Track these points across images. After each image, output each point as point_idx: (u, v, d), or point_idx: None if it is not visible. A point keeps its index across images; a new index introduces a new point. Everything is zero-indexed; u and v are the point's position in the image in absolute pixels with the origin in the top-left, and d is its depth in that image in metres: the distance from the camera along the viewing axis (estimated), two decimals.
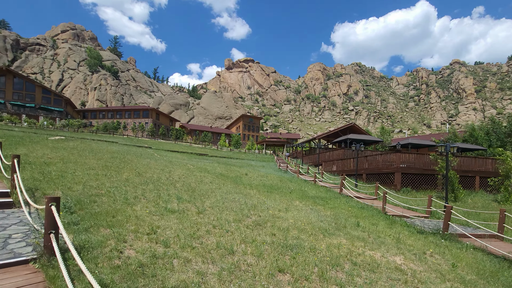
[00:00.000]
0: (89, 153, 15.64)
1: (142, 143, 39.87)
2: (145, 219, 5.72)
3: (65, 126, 54.85)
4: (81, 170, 9.76)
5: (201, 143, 69.12)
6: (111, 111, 72.97)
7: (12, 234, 4.26)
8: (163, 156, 22.85)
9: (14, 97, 58.45)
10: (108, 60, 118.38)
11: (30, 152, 12.83)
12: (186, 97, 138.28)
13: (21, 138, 18.46)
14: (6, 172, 7.71)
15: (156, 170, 12.55)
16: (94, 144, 21.61)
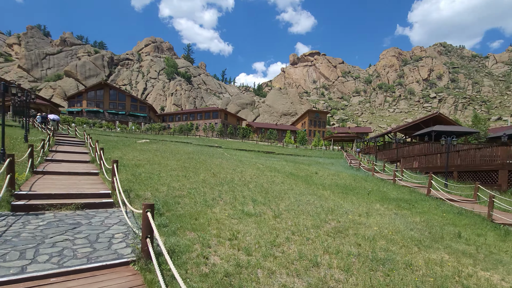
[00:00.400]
0: (169, 154, 17.17)
1: (212, 142, 42.43)
2: (224, 222, 5.79)
3: (148, 130, 62.31)
4: (164, 172, 10.66)
5: (267, 140, 70.09)
6: (185, 113, 79.77)
7: (114, 234, 4.74)
8: (233, 155, 23.75)
9: (110, 106, 68.94)
10: (182, 67, 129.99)
11: (123, 155, 14.70)
12: (251, 96, 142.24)
13: (116, 143, 21.44)
14: (107, 174, 8.86)
15: (229, 170, 12.96)
16: (173, 145, 23.77)
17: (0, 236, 4.20)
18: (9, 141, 15.66)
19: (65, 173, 8.89)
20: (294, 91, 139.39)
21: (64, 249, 3.93)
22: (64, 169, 9.36)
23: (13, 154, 6.16)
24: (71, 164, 10.77)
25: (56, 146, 15.88)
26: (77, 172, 9.17)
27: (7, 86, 13.45)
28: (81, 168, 10.24)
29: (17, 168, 7.83)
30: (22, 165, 8.58)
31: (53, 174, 8.68)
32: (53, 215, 5.52)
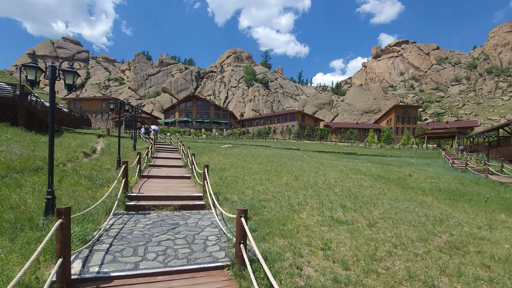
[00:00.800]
0: (251, 158, 17.71)
1: (290, 145, 42.32)
2: (314, 229, 5.41)
3: (229, 135, 66.62)
4: (248, 175, 10.93)
5: (346, 141, 66.14)
6: (263, 118, 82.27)
7: (208, 236, 4.94)
8: (312, 158, 23.03)
9: (197, 116, 76.61)
10: (260, 73, 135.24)
11: (210, 160, 15.84)
12: (329, 96, 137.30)
13: (203, 148, 23.44)
14: (198, 178, 9.58)
15: (311, 173, 12.47)
16: (253, 149, 24.58)
17: (118, 233, 4.84)
18: (122, 150, 18.87)
19: (164, 177, 10.00)
20: (377, 86, 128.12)
21: (167, 248, 4.24)
22: (163, 173, 10.56)
23: (127, 162, 7.17)
24: (168, 169, 12.12)
25: (156, 153, 18.31)
26: (173, 176, 10.21)
27: (122, 104, 16.25)
28: (176, 172, 11.40)
29: (128, 173, 9.20)
30: (132, 170, 10.03)
31: (155, 178, 9.88)
32: (156, 215, 6.17)
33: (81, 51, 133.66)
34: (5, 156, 9.97)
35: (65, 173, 9.09)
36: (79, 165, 11.62)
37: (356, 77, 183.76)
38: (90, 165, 12.02)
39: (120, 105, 15.98)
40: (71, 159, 13.05)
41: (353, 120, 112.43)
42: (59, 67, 5.43)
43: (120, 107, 16.26)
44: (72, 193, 7.12)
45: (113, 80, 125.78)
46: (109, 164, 12.55)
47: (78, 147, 16.86)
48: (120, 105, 16.13)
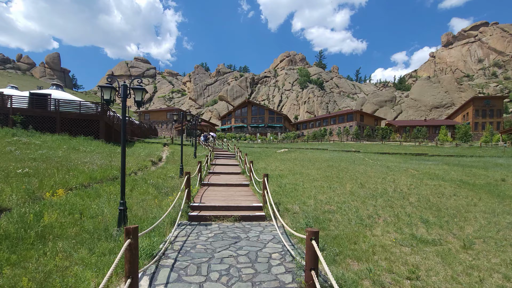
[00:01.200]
0: (308, 162, 17.00)
1: (348, 147, 39.91)
2: (393, 251, 4.63)
3: (284, 139, 66.17)
4: (307, 182, 10.35)
5: (413, 140, 59.87)
6: (318, 120, 79.90)
7: (271, 253, 4.60)
8: (376, 161, 21.12)
9: (252, 121, 78.19)
10: (314, 74, 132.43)
11: (267, 165, 15.65)
12: (391, 92, 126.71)
13: (259, 154, 23.48)
14: (257, 186, 9.39)
15: (378, 179, 11.27)
16: (310, 153, 23.72)
17: (182, 246, 4.83)
18: (184, 158, 20.02)
19: (223, 185, 10.09)
20: (449, 78, 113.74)
21: (230, 267, 4.03)
22: (222, 181, 10.68)
23: (189, 173, 7.35)
24: (227, 176, 12.27)
25: (215, 160, 18.92)
26: (232, 183, 10.23)
27: (184, 114, 17.25)
28: (235, 179, 11.44)
29: (190, 181, 9.50)
30: (194, 178, 10.36)
31: (215, 186, 10.02)
32: (217, 227, 6.09)
33: (150, 68, 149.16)
34: (88, 167, 11.26)
35: (136, 182, 9.82)
36: (147, 174, 12.55)
37: (422, 70, 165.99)
38: (157, 173, 12.90)
39: (182, 115, 16.96)
40: (141, 168, 14.22)
41: (420, 116, 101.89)
42: (129, 86, 5.98)
43: (182, 117, 17.28)
44: (141, 202, 7.57)
45: (176, 92, 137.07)
46: (173, 172, 13.30)
47: (147, 156, 18.41)
48: (182, 115, 17.13)
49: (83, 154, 15.33)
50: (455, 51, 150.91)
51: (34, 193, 7.08)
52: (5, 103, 20.86)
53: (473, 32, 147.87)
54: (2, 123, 19.90)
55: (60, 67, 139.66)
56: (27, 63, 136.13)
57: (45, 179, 8.36)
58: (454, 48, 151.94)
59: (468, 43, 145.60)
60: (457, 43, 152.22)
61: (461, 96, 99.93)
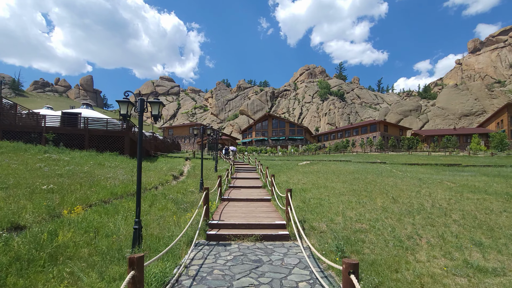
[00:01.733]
0: (332, 175, 16.15)
1: (372, 158, 38.18)
2: (445, 282, 3.88)
3: (305, 151, 64.92)
4: (333, 196, 9.63)
5: (442, 150, 56.56)
6: (340, 131, 78.07)
7: (298, 282, 4.03)
8: (405, 172, 19.77)
9: (273, 134, 77.83)
10: (335, 86, 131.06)
11: (289, 179, 15.02)
12: (416, 101, 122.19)
13: (280, 166, 22.85)
14: (279, 201, 8.83)
15: (411, 193, 10.30)
16: (333, 165, 22.76)
17: (198, 272, 4.38)
18: (205, 172, 19.87)
19: (243, 200, 9.63)
20: (479, 84, 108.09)
21: None
22: (243, 196, 10.22)
23: (208, 188, 6.99)
24: (247, 190, 11.81)
25: (236, 173, 18.57)
26: (252, 198, 9.75)
27: (204, 129, 17.19)
28: (255, 193, 10.95)
29: (210, 196, 9.13)
30: (213, 193, 9.99)
31: (235, 201, 9.59)
32: (237, 247, 5.60)
33: (174, 86, 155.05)
34: (111, 182, 11.28)
35: (155, 198, 9.62)
36: (168, 188, 12.39)
37: (448, 77, 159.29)
38: (177, 188, 12.71)
39: (203, 130, 16.89)
40: (162, 182, 14.13)
41: (449, 125, 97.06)
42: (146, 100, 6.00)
43: (203, 131, 17.22)
44: (159, 219, 7.27)
45: (198, 108, 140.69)
46: (193, 187, 13.06)
47: (169, 170, 18.44)
48: (203, 129, 17.07)
49: (108, 169, 15.57)
50: (483, 57, 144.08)
51: (54, 210, 7.00)
52: (39, 122, 22.04)
53: (502, 37, 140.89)
54: (36, 141, 20.91)
55: (93, 88, 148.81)
56: (64, 86, 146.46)
57: (67, 195, 8.34)
58: (482, 54, 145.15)
59: (497, 48, 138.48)
60: (485, 49, 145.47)
61: (493, 103, 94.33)
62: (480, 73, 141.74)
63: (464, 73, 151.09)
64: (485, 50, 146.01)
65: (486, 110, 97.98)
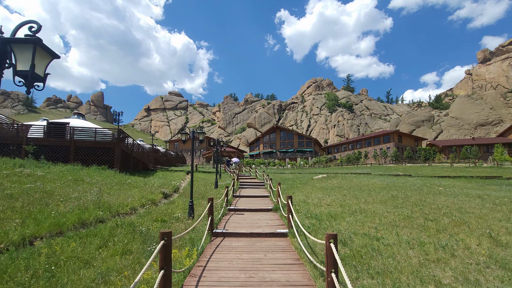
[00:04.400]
0: (360, 192, 12.90)
1: (392, 170, 34.51)
2: None
3: (315, 163, 61.31)
4: (385, 230, 6.42)
5: (462, 160, 52.51)
6: (351, 142, 74.48)
7: None
8: (446, 187, 16.26)
9: (281, 146, 74.68)
10: (343, 98, 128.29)
11: (306, 197, 11.84)
12: (428, 111, 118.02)
13: (292, 181, 19.63)
14: (299, 236, 5.68)
15: (499, 222, 6.99)
16: (354, 179, 19.38)
17: None
18: (204, 187, 16.76)
19: (247, 235, 6.50)
20: (494, 93, 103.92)
21: None
22: (246, 225, 7.11)
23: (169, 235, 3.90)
24: (253, 216, 8.69)
25: (240, 190, 15.46)
26: (260, 233, 6.61)
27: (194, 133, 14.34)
28: (265, 221, 7.83)
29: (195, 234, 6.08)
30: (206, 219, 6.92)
31: (233, 236, 6.46)
32: None
33: (182, 101, 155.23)
34: (67, 206, 8.36)
35: (116, 231, 6.55)
36: (148, 213, 9.39)
37: (459, 88, 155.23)
38: (161, 211, 9.72)
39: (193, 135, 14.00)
40: (146, 203, 11.14)
41: (464, 135, 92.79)
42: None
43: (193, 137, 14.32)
44: (97, 277, 4.25)
45: (206, 121, 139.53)
46: (182, 209, 10.03)
47: (160, 187, 15.46)
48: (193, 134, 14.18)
49: (83, 186, 12.75)
50: (494, 67, 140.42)
51: None
52: (19, 133, 19.62)
53: None
54: (15, 153, 18.43)
55: (103, 104, 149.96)
56: (75, 102, 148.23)
57: None
58: (492, 64, 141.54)
59: (508, 58, 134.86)
60: (496, 58, 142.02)
61: (510, 112, 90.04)
62: (492, 82, 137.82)
63: (474, 83, 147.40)
64: (495, 60, 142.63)
65: (503, 120, 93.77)
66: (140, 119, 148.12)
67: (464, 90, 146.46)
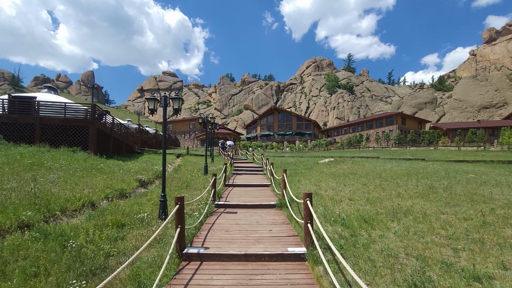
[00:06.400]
0: (383, 180, 10.42)
1: (399, 154, 32.17)
2: None
3: (315, 146, 58.88)
4: (470, 252, 3.91)
5: (467, 144, 50.57)
6: (352, 125, 71.85)
7: None
8: (480, 175, 13.80)
9: (279, 129, 71.93)
10: (343, 78, 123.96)
11: (318, 188, 9.31)
12: (431, 93, 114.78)
13: (295, 165, 17.07)
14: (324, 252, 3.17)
15: None
16: (367, 163, 16.84)
17: None
18: (192, 174, 14.22)
19: (239, 259, 3.92)
20: (499, 75, 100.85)
21: None
22: (239, 240, 4.58)
23: None
24: (250, 215, 6.16)
25: (234, 177, 12.92)
26: (262, 254, 4.03)
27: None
28: (266, 225, 5.31)
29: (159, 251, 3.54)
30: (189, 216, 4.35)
31: (216, 262, 3.88)
32: None
33: (177, 81, 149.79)
34: None
35: (22, 251, 4.00)
36: (103, 211, 6.86)
37: (462, 69, 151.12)
38: (123, 208, 7.19)
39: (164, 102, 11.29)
40: (112, 195, 8.56)
41: (467, 118, 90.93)
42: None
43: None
44: None
45: (201, 103, 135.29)
46: (153, 206, 7.48)
47: (137, 172, 12.86)
48: (164, 101, 11.45)
49: (40, 172, 10.21)
50: (499, 47, 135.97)
51: None
52: None
53: None
54: None
55: (94, 84, 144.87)
56: (65, 82, 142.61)
57: None
58: (498, 44, 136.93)
59: None
60: (501, 38, 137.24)
61: None
62: (496, 64, 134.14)
63: (478, 65, 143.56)
64: (501, 39, 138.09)
65: (508, 102, 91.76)
66: (134, 100, 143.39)
67: (467, 72, 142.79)
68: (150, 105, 6.76)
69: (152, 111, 6.76)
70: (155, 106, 6.78)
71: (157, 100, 6.79)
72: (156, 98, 6.76)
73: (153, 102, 6.74)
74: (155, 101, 6.74)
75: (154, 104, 6.76)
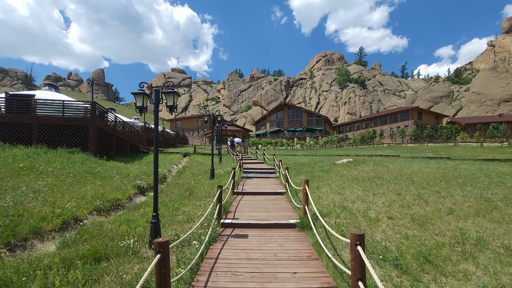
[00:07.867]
0: (419, 188, 8.85)
1: (418, 151, 30.08)
2: None
3: (326, 143, 56.88)
4: None
5: (489, 139, 47.70)
6: (364, 120, 69.38)
7: None
8: None
9: (289, 125, 70.17)
10: (355, 72, 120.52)
11: (342, 198, 7.82)
12: (447, 86, 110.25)
13: (310, 167, 15.55)
14: None
15: None
16: (391, 165, 15.15)
17: None
18: (195, 180, 12.86)
19: None
20: None
21: None
22: (252, 277, 3.21)
23: None
24: (263, 243, 4.75)
25: (243, 181, 11.54)
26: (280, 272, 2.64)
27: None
28: (285, 256, 3.92)
29: None
30: None
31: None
32: None
33: (185, 78, 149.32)
34: None
35: None
36: (81, 234, 5.61)
37: (479, 61, 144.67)
38: (110, 228, 5.93)
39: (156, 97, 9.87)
40: (103, 207, 7.34)
41: (486, 112, 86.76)
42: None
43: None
44: None
45: (210, 100, 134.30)
46: (144, 224, 6.19)
47: (137, 177, 11.65)
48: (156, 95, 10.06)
49: (29, 178, 9.09)
50: None
51: None
52: None
53: None
54: None
55: (104, 82, 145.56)
56: (76, 80, 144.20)
57: None
58: None
59: None
60: None
61: None
62: None
63: (497, 56, 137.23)
64: None
65: None
66: None
67: (485, 64, 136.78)
68: (138, 101, 5.24)
69: (141, 110, 5.22)
70: (144, 103, 5.26)
71: (147, 95, 5.33)
72: (145, 93, 5.23)
73: (142, 98, 5.21)
74: (144, 96, 5.23)
75: (142, 100, 5.23)
